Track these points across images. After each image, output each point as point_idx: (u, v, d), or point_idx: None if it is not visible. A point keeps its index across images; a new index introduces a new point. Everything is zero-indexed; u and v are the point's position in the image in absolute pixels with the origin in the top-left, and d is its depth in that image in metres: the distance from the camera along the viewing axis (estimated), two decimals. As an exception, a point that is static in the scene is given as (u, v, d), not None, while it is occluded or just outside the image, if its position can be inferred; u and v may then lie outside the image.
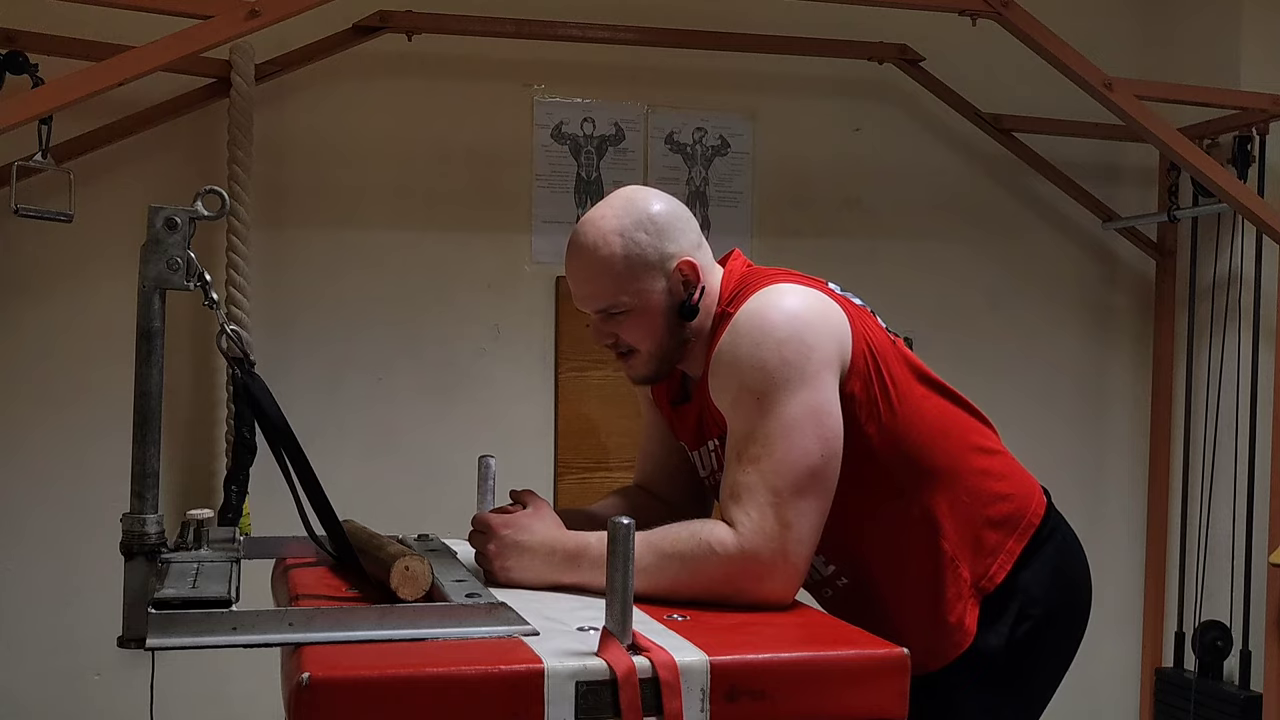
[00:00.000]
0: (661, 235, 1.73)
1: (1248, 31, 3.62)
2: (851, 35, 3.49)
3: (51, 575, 3.15)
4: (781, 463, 1.57)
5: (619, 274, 1.72)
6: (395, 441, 3.36)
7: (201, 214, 1.40)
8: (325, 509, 1.53)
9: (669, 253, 1.73)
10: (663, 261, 1.72)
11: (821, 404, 1.60)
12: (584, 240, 1.74)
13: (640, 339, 1.76)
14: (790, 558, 1.56)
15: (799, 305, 1.65)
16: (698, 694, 1.26)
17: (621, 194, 1.78)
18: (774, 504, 1.56)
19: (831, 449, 1.61)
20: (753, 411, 1.60)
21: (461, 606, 1.38)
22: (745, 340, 1.63)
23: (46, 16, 2.90)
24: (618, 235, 1.71)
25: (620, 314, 1.74)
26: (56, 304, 3.15)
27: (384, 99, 3.36)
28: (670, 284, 1.73)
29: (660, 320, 1.74)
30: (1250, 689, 3.48)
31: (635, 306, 1.73)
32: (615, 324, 1.76)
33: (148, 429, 1.39)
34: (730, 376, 1.64)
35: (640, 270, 1.72)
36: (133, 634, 1.34)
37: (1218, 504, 3.65)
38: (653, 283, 1.73)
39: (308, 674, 1.18)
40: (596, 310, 1.76)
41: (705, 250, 1.80)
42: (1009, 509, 1.82)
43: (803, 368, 1.60)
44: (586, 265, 1.74)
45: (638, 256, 1.71)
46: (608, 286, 1.73)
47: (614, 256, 1.71)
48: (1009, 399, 3.81)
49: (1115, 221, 3.82)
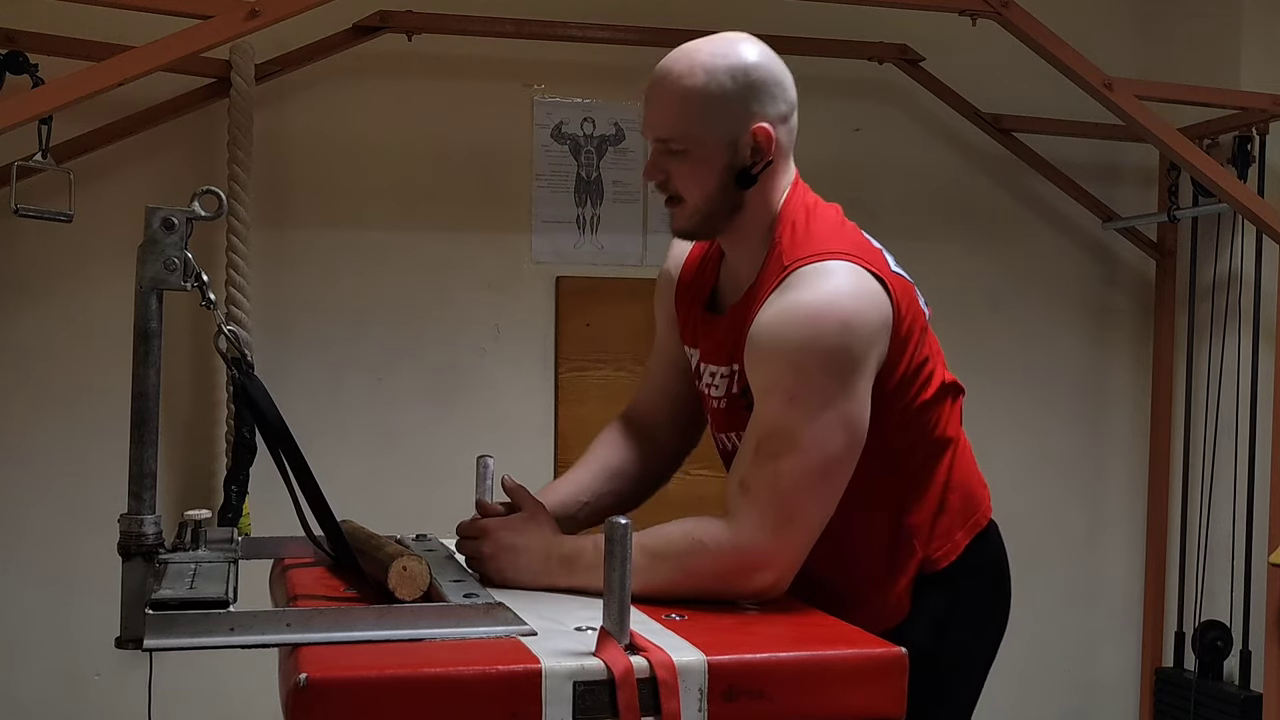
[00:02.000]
0: (750, 90, 1.64)
1: (1248, 31, 3.62)
2: (851, 35, 3.49)
3: (51, 575, 3.15)
4: (800, 464, 1.55)
5: (690, 108, 1.64)
6: (395, 442, 3.36)
7: (199, 214, 1.40)
8: (323, 509, 1.53)
9: (754, 111, 1.64)
10: (741, 117, 1.64)
11: (854, 412, 1.58)
12: (671, 64, 1.68)
13: (690, 187, 1.68)
14: (787, 553, 1.56)
15: (855, 306, 1.58)
16: (695, 694, 1.26)
17: (730, 35, 1.70)
18: (783, 501, 1.55)
19: (853, 454, 1.59)
20: (784, 409, 1.57)
21: (459, 607, 1.38)
22: (795, 335, 1.56)
23: (46, 16, 2.90)
24: (704, 71, 1.64)
25: (678, 152, 1.67)
26: (56, 304, 3.16)
27: (384, 99, 3.36)
28: (739, 144, 1.65)
29: (715, 176, 1.66)
30: (1250, 689, 3.47)
31: (694, 150, 1.65)
32: (670, 162, 1.68)
33: (145, 430, 1.39)
34: (770, 364, 1.59)
35: (715, 115, 1.63)
36: (130, 635, 1.34)
37: (1218, 504, 3.65)
38: (724, 136, 1.64)
39: (305, 674, 1.18)
40: (657, 138, 1.69)
41: (790, 132, 1.70)
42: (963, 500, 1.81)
43: (844, 378, 1.56)
44: (663, 88, 1.68)
45: (716, 99, 1.63)
46: (675, 116, 1.66)
47: (692, 90, 1.64)
48: (1009, 399, 3.82)
49: (1115, 221, 3.82)
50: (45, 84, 2.67)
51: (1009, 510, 3.77)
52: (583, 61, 3.45)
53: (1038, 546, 3.86)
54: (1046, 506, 3.87)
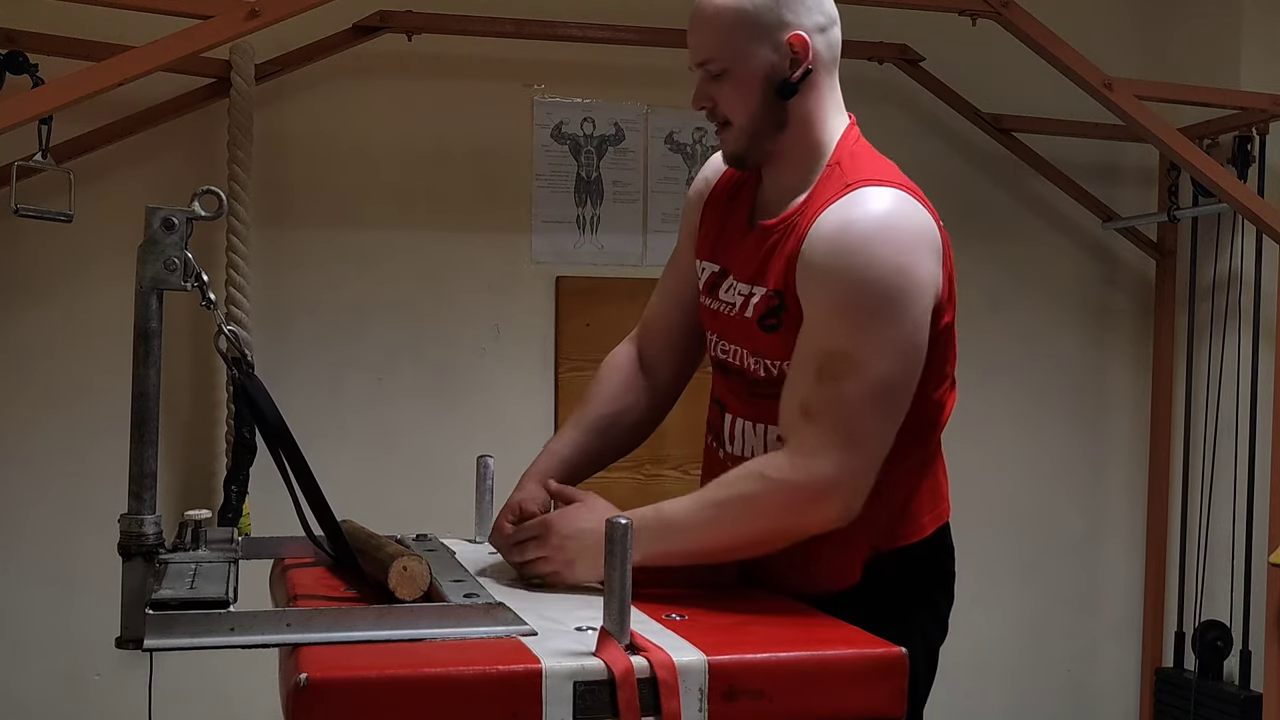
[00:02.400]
0: (784, 2, 1.65)
1: (1248, 31, 3.62)
2: (851, 35, 3.43)
3: (51, 575, 3.15)
4: (863, 384, 1.54)
5: (727, 26, 1.65)
6: (395, 442, 3.36)
7: (199, 214, 1.40)
8: (323, 509, 1.53)
9: (786, 20, 1.65)
10: (776, 29, 1.65)
11: (912, 335, 1.57)
12: None
13: (735, 108, 1.68)
14: (855, 477, 1.55)
15: (919, 229, 1.60)
16: (696, 694, 1.26)
17: None
18: (847, 422, 1.54)
19: (913, 378, 1.58)
20: (847, 330, 1.56)
21: (459, 606, 1.38)
22: (860, 255, 1.55)
23: (46, 16, 2.90)
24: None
25: (719, 75, 1.68)
26: (56, 304, 3.16)
27: (384, 99, 3.36)
28: (778, 56, 1.65)
29: (757, 91, 1.66)
30: (1250, 689, 3.48)
31: (734, 68, 1.66)
32: (714, 86, 1.69)
33: (145, 430, 1.39)
34: (829, 287, 1.57)
35: (749, 29, 1.64)
36: (130, 635, 1.34)
37: (1218, 504, 3.65)
38: (759, 47, 1.65)
39: (305, 674, 1.18)
40: (698, 63, 1.70)
41: (830, 45, 1.71)
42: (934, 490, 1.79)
43: (909, 298, 1.56)
44: (700, 13, 1.69)
45: (749, 14, 1.64)
46: (711, 37, 1.67)
47: (726, 8, 1.65)
48: (1009, 399, 3.82)
49: (1115, 221, 3.82)
50: (45, 84, 2.67)
51: (1009, 510, 3.83)
52: (583, 61, 3.45)
53: (1038, 546, 3.87)
54: (1046, 506, 3.87)
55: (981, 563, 3.76)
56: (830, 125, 1.73)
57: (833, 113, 1.74)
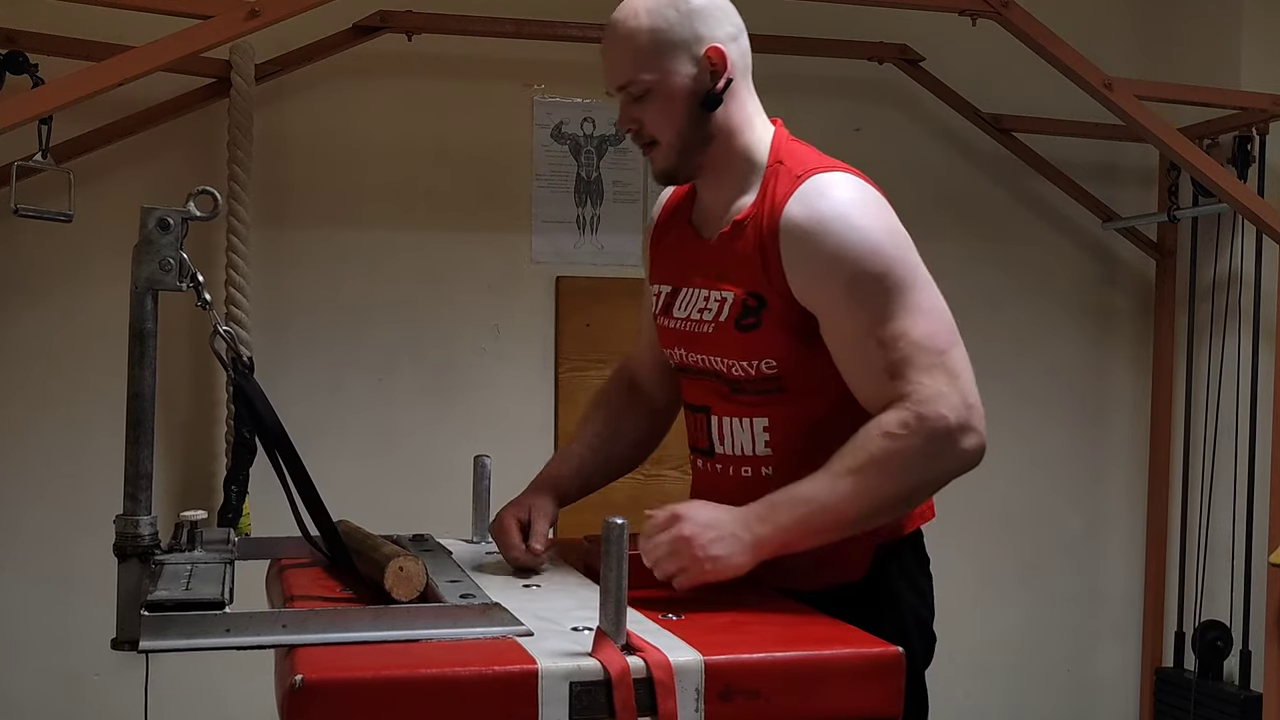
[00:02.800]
0: (693, 17, 1.68)
1: (1248, 31, 3.62)
2: (851, 35, 3.49)
3: (48, 576, 3.15)
4: (928, 327, 1.60)
5: (643, 48, 1.68)
6: (395, 442, 3.36)
7: (194, 214, 1.40)
8: (319, 510, 1.53)
9: (699, 35, 1.68)
10: (691, 44, 1.68)
11: (928, 274, 1.66)
12: (615, 15, 1.72)
13: (661, 125, 1.71)
14: (973, 405, 1.59)
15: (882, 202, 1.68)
16: (692, 694, 1.26)
17: None
18: (939, 363, 1.59)
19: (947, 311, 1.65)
20: (880, 294, 1.60)
21: (455, 607, 1.38)
22: (850, 231, 1.60)
23: (46, 16, 2.90)
24: (646, 11, 1.68)
25: (642, 96, 1.70)
26: (55, 304, 3.16)
27: (384, 99, 3.36)
28: (698, 70, 1.68)
29: (682, 107, 1.69)
30: (1250, 689, 3.47)
31: (657, 87, 1.68)
32: (638, 108, 1.72)
33: (141, 430, 1.39)
34: (838, 268, 1.60)
35: (665, 47, 1.67)
36: (126, 636, 1.34)
37: (1218, 504, 3.65)
38: (678, 64, 1.68)
39: (301, 676, 1.18)
40: (618, 86, 1.72)
41: (743, 52, 1.74)
42: None
43: (906, 251, 1.65)
44: (613, 38, 1.71)
45: (664, 32, 1.67)
46: (630, 60, 1.69)
47: (640, 29, 1.67)
48: (1009, 399, 3.81)
49: (1115, 221, 3.82)
50: (45, 84, 2.67)
51: (1009, 510, 3.83)
52: (583, 61, 3.44)
53: (1038, 546, 3.87)
54: (1046, 506, 3.87)
55: (981, 563, 3.77)
56: (757, 128, 1.76)
57: (756, 116, 1.78)
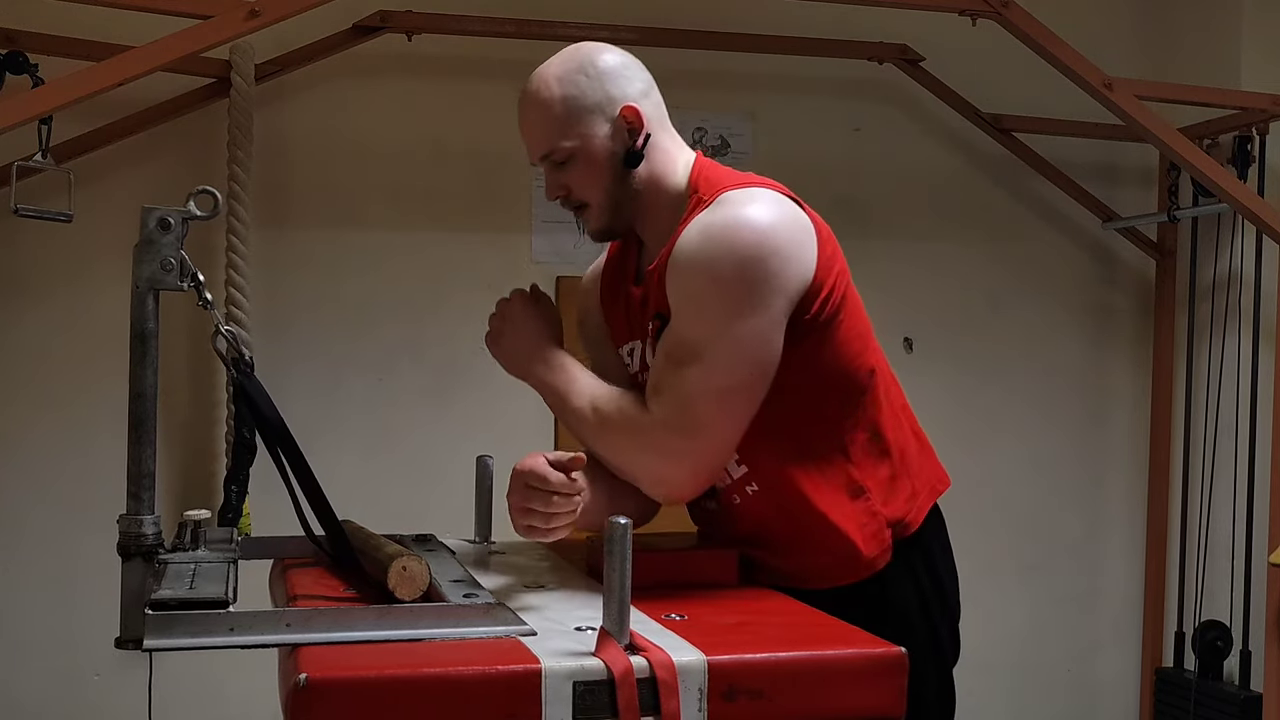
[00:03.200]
0: (604, 79, 1.71)
1: (1248, 31, 3.62)
2: (851, 35, 3.49)
3: (51, 575, 3.15)
4: (705, 375, 1.60)
5: (558, 117, 1.71)
6: (395, 442, 3.36)
7: (194, 214, 1.40)
8: (323, 509, 1.53)
9: (611, 96, 1.71)
10: (604, 105, 1.70)
11: (764, 331, 1.61)
12: (528, 87, 1.75)
13: (588, 189, 1.74)
14: (691, 461, 1.64)
15: (775, 221, 1.63)
16: (695, 694, 1.26)
17: (570, 46, 1.78)
18: (689, 408, 1.60)
19: (762, 373, 1.62)
20: (696, 320, 1.61)
21: (459, 607, 1.38)
22: (711, 246, 1.60)
23: (46, 16, 2.90)
24: (557, 80, 1.71)
25: (565, 161, 1.73)
26: (56, 304, 3.16)
27: (384, 99, 3.36)
28: (614, 130, 1.71)
29: (606, 168, 1.72)
30: (1250, 689, 3.47)
31: (578, 152, 1.71)
32: (564, 174, 1.74)
33: (143, 430, 1.39)
34: (685, 277, 1.63)
35: (580, 113, 1.70)
36: (130, 635, 1.34)
37: (1218, 504, 3.65)
38: (595, 127, 1.71)
39: (305, 675, 1.18)
40: (541, 157, 1.75)
41: (656, 104, 1.76)
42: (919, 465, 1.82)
43: (759, 291, 1.59)
44: (529, 110, 1.75)
45: (576, 99, 1.70)
46: (549, 130, 1.72)
47: (554, 99, 1.71)
48: (1009, 399, 3.82)
49: (1115, 221, 3.82)
50: (45, 84, 2.67)
51: (1009, 510, 3.83)
52: (583, 61, 3.44)
53: (1038, 546, 3.87)
54: (1046, 506, 3.87)
55: (981, 563, 3.76)
56: (679, 170, 1.77)
57: (679, 156, 1.78)
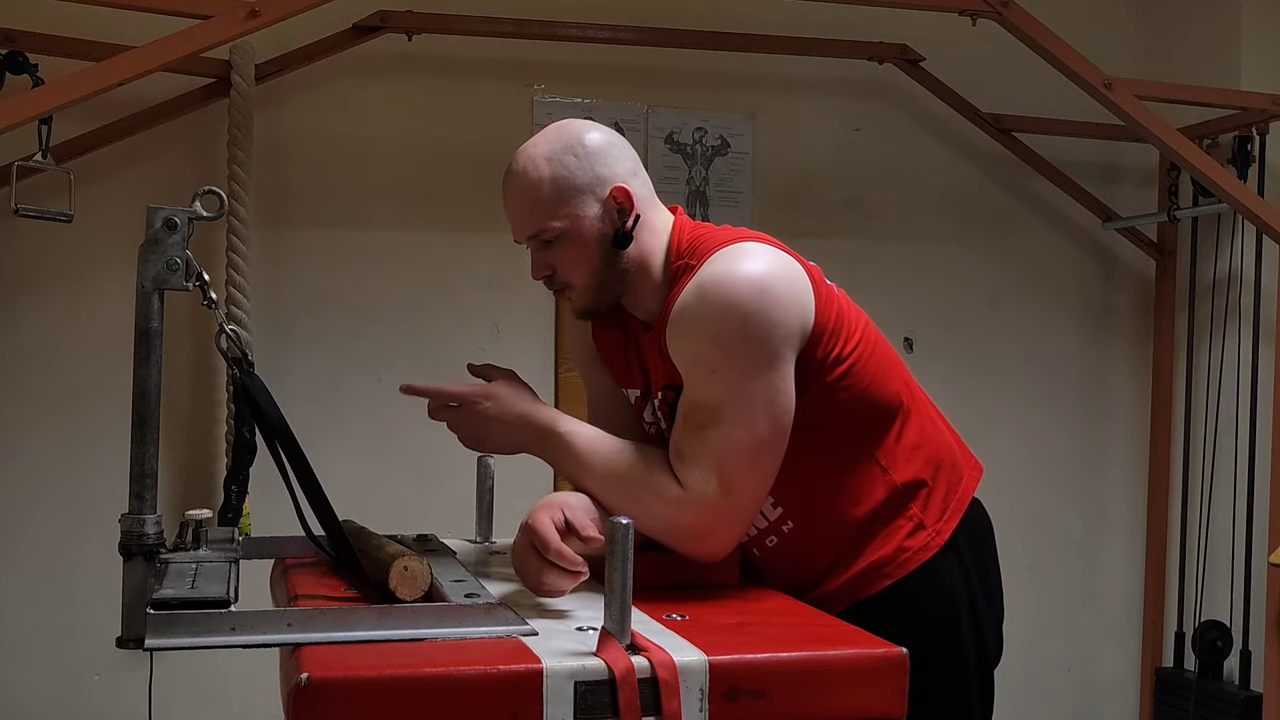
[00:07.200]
0: (593, 159, 1.69)
1: (1248, 31, 3.62)
2: (851, 35, 3.49)
3: (52, 575, 3.15)
4: (728, 435, 1.58)
5: (547, 197, 1.68)
6: (395, 442, 3.36)
7: (200, 214, 1.40)
8: (324, 509, 1.53)
9: (601, 177, 1.69)
10: (594, 186, 1.69)
11: (775, 383, 1.60)
12: (514, 167, 1.73)
13: (574, 270, 1.72)
14: (727, 523, 1.61)
15: (767, 274, 1.62)
16: (696, 694, 1.26)
17: (557, 123, 1.76)
18: (718, 471, 1.58)
19: (780, 426, 1.61)
20: (707, 381, 1.61)
21: (460, 606, 1.38)
22: (710, 307, 1.60)
23: (46, 16, 2.90)
24: (546, 160, 1.69)
25: (553, 241, 1.71)
26: (57, 304, 3.15)
27: (384, 99, 3.36)
28: (604, 210, 1.69)
29: (594, 249, 1.70)
30: (1250, 689, 3.48)
31: (567, 232, 1.69)
32: (551, 254, 1.73)
33: (146, 429, 1.39)
34: (691, 340, 1.63)
35: (569, 194, 1.68)
36: (131, 634, 1.34)
37: (1218, 504, 3.65)
38: (584, 208, 1.69)
39: (306, 674, 1.18)
40: (528, 237, 1.74)
41: (644, 182, 1.75)
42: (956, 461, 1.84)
43: (764, 345, 1.59)
44: (516, 190, 1.72)
45: (565, 179, 1.68)
46: (537, 211, 1.70)
47: (541, 180, 1.68)
48: (1009, 398, 3.82)
49: (1115, 221, 3.82)
50: (45, 84, 2.67)
51: (1009, 510, 3.80)
52: (583, 61, 3.45)
53: (1038, 546, 3.87)
54: (1046, 506, 3.87)
55: (981, 563, 3.77)
56: (664, 241, 1.75)
57: (663, 229, 1.76)
